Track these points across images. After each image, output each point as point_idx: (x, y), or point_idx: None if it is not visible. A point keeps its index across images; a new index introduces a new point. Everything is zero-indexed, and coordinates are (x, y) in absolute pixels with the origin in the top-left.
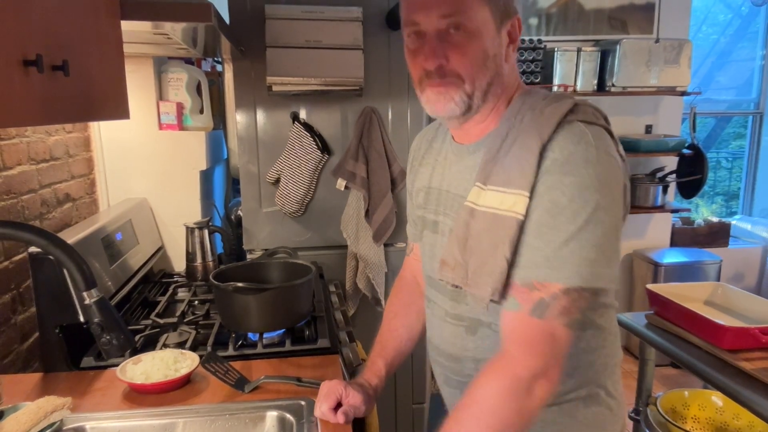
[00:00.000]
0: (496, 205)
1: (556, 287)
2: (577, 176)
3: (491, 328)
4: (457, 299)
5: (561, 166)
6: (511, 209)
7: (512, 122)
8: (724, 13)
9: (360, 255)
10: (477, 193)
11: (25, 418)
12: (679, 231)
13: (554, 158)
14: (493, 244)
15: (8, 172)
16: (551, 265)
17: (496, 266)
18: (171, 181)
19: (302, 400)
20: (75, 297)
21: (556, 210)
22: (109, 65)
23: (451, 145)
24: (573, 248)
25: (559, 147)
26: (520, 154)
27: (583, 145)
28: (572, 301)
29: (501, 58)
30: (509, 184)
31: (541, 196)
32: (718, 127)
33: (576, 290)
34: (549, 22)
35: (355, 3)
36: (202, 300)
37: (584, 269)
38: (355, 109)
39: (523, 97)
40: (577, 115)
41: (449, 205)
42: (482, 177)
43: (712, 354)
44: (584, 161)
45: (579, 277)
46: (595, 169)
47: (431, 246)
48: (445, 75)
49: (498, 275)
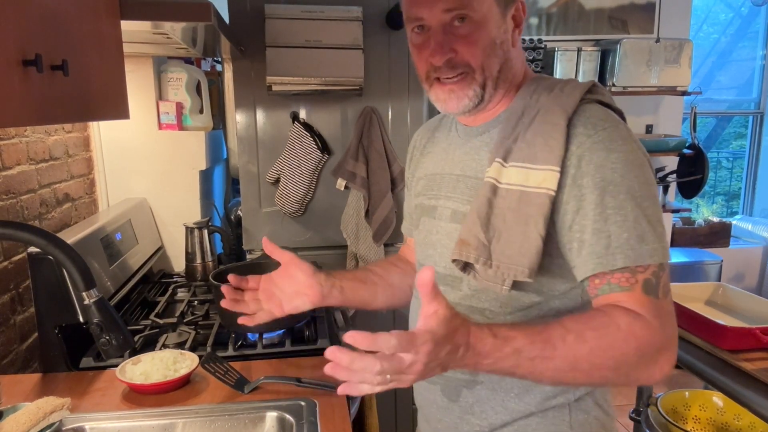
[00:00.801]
0: (522, 182)
1: (652, 268)
2: (621, 152)
3: (484, 315)
4: (452, 284)
5: (602, 143)
6: (540, 185)
7: (527, 101)
8: (724, 12)
9: (360, 255)
10: (498, 170)
11: (25, 418)
12: (680, 231)
13: (588, 134)
14: (522, 221)
15: (7, 172)
16: (633, 246)
17: (530, 245)
18: (170, 181)
19: (302, 400)
20: (74, 297)
21: (613, 189)
22: (108, 65)
23: (458, 129)
24: (645, 226)
25: (590, 123)
26: (545, 129)
27: (614, 122)
28: (668, 277)
29: (508, 43)
30: (535, 159)
31: (590, 175)
32: (719, 127)
33: (666, 266)
34: (549, 22)
35: (355, 3)
36: (201, 300)
37: (660, 245)
38: (355, 109)
39: (536, 80)
40: (597, 96)
41: (451, 187)
42: (502, 153)
43: (713, 354)
44: (621, 138)
45: (661, 254)
46: (633, 144)
47: (427, 232)
48: (455, 66)
49: (534, 254)
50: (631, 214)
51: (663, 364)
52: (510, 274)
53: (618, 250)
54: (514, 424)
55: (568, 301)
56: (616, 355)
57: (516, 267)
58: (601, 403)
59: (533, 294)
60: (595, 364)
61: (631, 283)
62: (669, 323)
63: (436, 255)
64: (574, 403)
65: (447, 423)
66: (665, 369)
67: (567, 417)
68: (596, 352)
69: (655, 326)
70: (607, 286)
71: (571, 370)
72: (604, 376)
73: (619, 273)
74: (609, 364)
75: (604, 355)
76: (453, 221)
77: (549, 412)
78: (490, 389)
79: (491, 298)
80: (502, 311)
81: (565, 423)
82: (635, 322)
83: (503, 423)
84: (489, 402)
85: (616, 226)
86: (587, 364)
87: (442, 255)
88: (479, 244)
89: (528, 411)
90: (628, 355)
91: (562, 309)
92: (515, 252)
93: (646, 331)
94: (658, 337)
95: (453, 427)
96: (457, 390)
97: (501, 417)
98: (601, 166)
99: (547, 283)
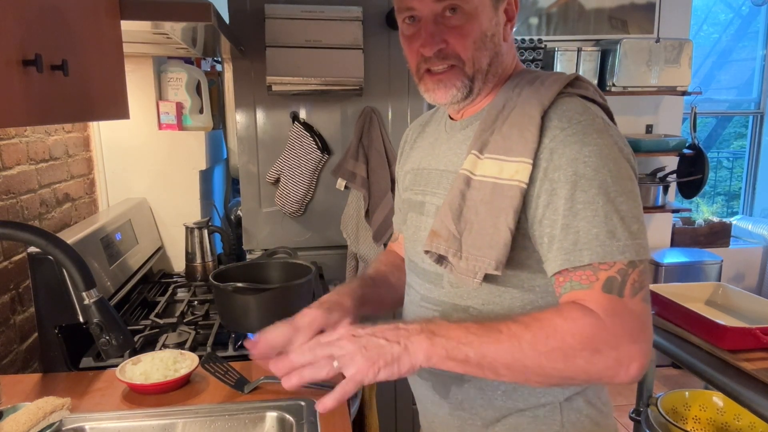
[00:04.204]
0: (496, 174)
1: (619, 265)
2: (595, 146)
3: (468, 312)
4: (435, 282)
5: (575, 136)
6: (512, 177)
7: (509, 95)
8: (724, 12)
9: (360, 255)
10: (473, 162)
11: (25, 418)
12: (680, 231)
13: (562, 127)
14: (494, 214)
15: (7, 172)
16: (602, 243)
17: (499, 237)
18: (170, 181)
19: (302, 400)
20: (74, 297)
21: (585, 183)
22: (108, 65)
23: (446, 123)
24: (616, 222)
25: (566, 117)
26: (520, 121)
27: (590, 116)
28: (642, 274)
29: (499, 37)
30: (509, 152)
31: (561, 169)
32: (719, 127)
33: (639, 263)
34: (549, 22)
35: (355, 3)
36: (201, 300)
37: (633, 241)
38: (355, 109)
39: (521, 74)
40: (578, 90)
41: (437, 183)
42: (478, 146)
43: (713, 354)
44: (596, 131)
45: (634, 250)
46: (609, 138)
47: (416, 228)
48: (445, 57)
49: (502, 247)
50: (602, 209)
51: (627, 363)
52: (480, 267)
53: (585, 246)
54: (505, 421)
55: (551, 297)
56: (561, 346)
57: (484, 259)
58: (594, 401)
59: (514, 289)
60: (540, 352)
61: (591, 281)
62: (631, 321)
63: (423, 251)
64: (564, 403)
65: (441, 418)
66: (631, 368)
67: (558, 417)
68: (539, 338)
69: (608, 324)
70: (569, 284)
71: (521, 357)
72: (556, 368)
73: (581, 270)
74: (555, 354)
75: (547, 343)
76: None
77: (539, 411)
78: (478, 388)
79: (473, 295)
80: (485, 308)
81: (556, 423)
82: (584, 317)
83: (494, 419)
84: (477, 400)
85: (585, 221)
86: (533, 352)
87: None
88: (450, 236)
89: (517, 408)
90: (575, 348)
91: (544, 307)
92: (485, 244)
93: (595, 327)
94: (611, 334)
95: (445, 422)
96: (446, 387)
97: (490, 413)
98: (574, 160)
99: (528, 279)
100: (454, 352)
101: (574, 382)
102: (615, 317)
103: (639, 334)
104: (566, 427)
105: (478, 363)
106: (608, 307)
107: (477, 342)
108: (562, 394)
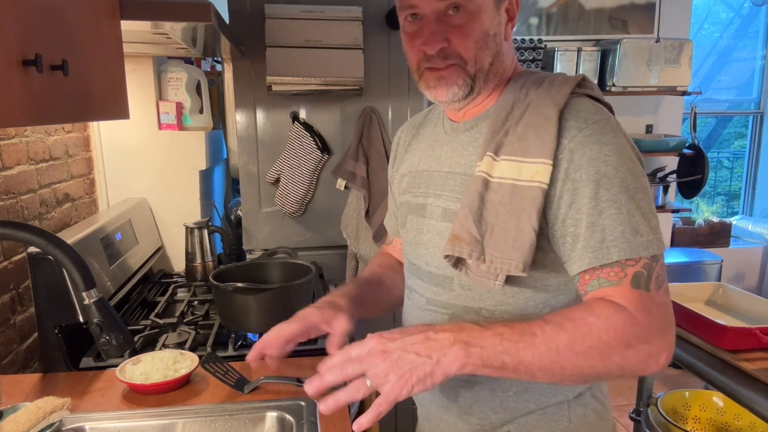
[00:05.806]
0: (514, 176)
1: (644, 260)
2: (613, 145)
3: (480, 314)
4: (443, 285)
5: (593, 136)
6: (533, 179)
7: (517, 95)
8: (724, 12)
9: (360, 255)
10: (489, 164)
11: (25, 418)
12: (680, 231)
13: (580, 128)
14: (515, 215)
15: (7, 172)
16: (628, 239)
17: (524, 239)
18: (170, 181)
19: (302, 400)
20: (74, 297)
21: (607, 182)
22: (108, 65)
23: (445, 125)
24: (638, 219)
25: (582, 117)
26: (536, 122)
27: (605, 115)
28: (662, 267)
29: (501, 36)
30: (527, 153)
31: (583, 169)
32: (719, 127)
33: (660, 257)
34: (549, 22)
35: (355, 3)
36: (201, 300)
37: (654, 236)
38: (355, 109)
39: (524, 74)
40: (586, 90)
41: (442, 185)
42: (493, 147)
43: (713, 354)
44: (612, 131)
45: (656, 245)
46: (623, 137)
47: (417, 231)
48: (447, 57)
49: (528, 248)
50: (625, 206)
51: (657, 355)
52: (503, 269)
53: (612, 244)
54: (514, 422)
55: (563, 296)
56: (597, 345)
57: (510, 261)
58: (598, 395)
59: (527, 289)
60: (577, 352)
61: (620, 277)
62: (659, 314)
63: (428, 255)
64: (573, 400)
65: (447, 422)
66: (661, 359)
67: (566, 412)
68: (576, 339)
69: (639, 318)
70: (596, 281)
71: (558, 359)
72: (593, 366)
73: (608, 268)
74: (592, 353)
75: (584, 342)
76: (444, 220)
77: (548, 410)
78: (489, 390)
79: (485, 296)
80: (498, 309)
81: (564, 418)
82: (616, 313)
83: (503, 422)
84: (488, 403)
85: (610, 219)
86: (570, 353)
87: (434, 254)
88: (472, 239)
89: (528, 409)
90: (610, 345)
91: (557, 306)
92: (509, 246)
93: (627, 323)
94: (643, 328)
95: (453, 426)
96: (455, 390)
97: (500, 416)
98: (595, 159)
99: (541, 278)
100: (490, 360)
101: (608, 378)
102: (645, 311)
103: (667, 326)
104: (573, 422)
105: (514, 369)
106: (638, 302)
107: (513, 349)
108: (572, 391)
